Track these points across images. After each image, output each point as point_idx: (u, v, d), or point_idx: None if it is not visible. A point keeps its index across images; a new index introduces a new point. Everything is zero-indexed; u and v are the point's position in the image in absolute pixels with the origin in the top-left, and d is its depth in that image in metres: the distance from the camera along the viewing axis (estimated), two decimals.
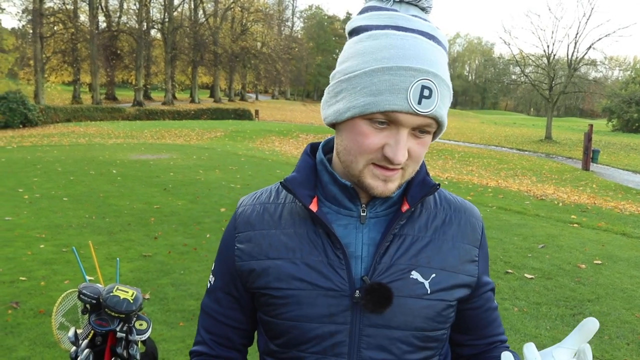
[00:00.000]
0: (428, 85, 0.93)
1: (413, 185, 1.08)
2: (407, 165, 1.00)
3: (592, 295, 5.36)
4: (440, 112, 0.96)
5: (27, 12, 51.30)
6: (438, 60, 0.96)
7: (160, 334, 4.12)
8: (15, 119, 30.77)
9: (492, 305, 1.20)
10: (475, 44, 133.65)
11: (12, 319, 4.32)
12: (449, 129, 52.92)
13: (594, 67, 55.96)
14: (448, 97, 0.99)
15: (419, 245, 1.07)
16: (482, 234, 1.15)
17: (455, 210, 1.14)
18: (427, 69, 0.94)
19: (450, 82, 1.00)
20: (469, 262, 1.10)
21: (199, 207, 8.97)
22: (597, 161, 29.87)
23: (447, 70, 0.99)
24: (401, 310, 1.03)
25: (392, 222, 1.05)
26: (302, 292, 1.04)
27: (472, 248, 1.11)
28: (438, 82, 0.95)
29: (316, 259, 1.04)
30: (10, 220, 7.64)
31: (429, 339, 1.07)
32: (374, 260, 1.03)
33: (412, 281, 1.04)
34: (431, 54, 0.96)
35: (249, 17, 72.78)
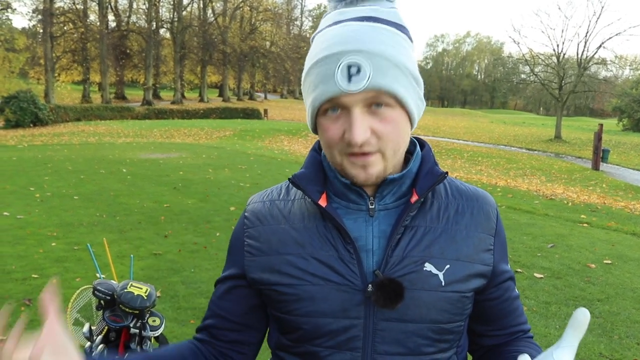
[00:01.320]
0: (353, 62, 0.93)
1: (421, 176, 1.07)
2: (382, 146, 0.98)
3: (602, 294, 5.35)
4: (379, 81, 0.94)
5: (38, 12, 51.65)
6: (369, 36, 0.96)
7: (171, 331, 4.16)
8: (25, 118, 30.98)
9: (512, 294, 1.16)
10: (484, 43, 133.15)
11: (24, 316, 4.36)
12: (457, 129, 52.81)
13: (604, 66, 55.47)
14: (390, 67, 0.95)
15: (431, 236, 1.04)
16: (497, 221, 1.12)
17: (468, 198, 1.11)
18: (350, 48, 0.94)
19: (402, 55, 0.98)
20: (484, 251, 1.07)
21: (209, 205, 9.02)
22: (607, 161, 29.70)
23: (386, 44, 0.96)
24: (415, 304, 1.01)
25: (403, 213, 1.04)
26: (314, 287, 1.03)
27: (487, 236, 1.08)
28: (366, 56, 0.94)
29: (327, 253, 1.03)
30: (22, 218, 7.71)
31: (444, 332, 1.05)
32: (386, 253, 1.02)
33: (425, 273, 1.01)
34: (358, 34, 0.96)
35: (258, 16, 72.88)
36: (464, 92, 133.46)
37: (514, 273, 5.37)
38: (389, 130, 0.97)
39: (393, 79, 0.96)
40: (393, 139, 0.98)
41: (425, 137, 41.23)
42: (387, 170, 1.02)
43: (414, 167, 1.08)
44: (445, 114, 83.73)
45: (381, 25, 0.98)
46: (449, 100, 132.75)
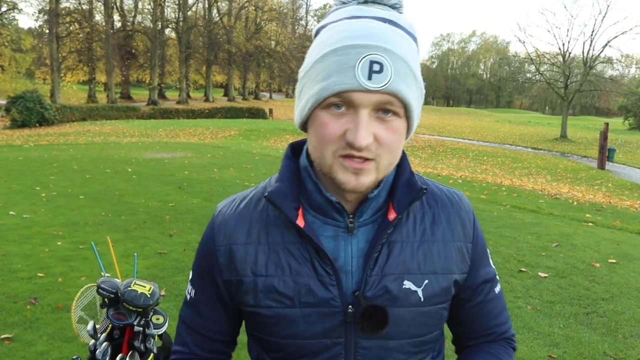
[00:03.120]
0: (377, 60, 0.88)
1: (398, 188, 1.02)
2: (379, 155, 0.93)
3: (607, 294, 5.34)
4: (397, 87, 0.89)
5: (44, 12, 51.88)
6: (392, 38, 0.91)
7: (175, 329, 4.17)
8: (32, 118, 31.09)
9: (488, 296, 1.14)
10: (490, 43, 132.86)
11: (30, 314, 4.39)
12: (463, 128, 52.72)
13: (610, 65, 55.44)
14: (409, 75, 0.92)
15: (409, 251, 1.02)
16: (474, 228, 1.10)
17: (443, 206, 1.08)
18: (376, 44, 0.89)
19: (417, 67, 0.95)
20: (461, 261, 1.07)
21: (214, 205, 9.00)
22: (613, 160, 29.62)
23: (406, 50, 0.92)
24: (395, 321, 1.00)
25: (380, 231, 1.01)
26: (294, 310, 1.01)
27: (464, 245, 1.07)
28: (390, 56, 0.89)
29: (305, 275, 1.00)
30: (28, 217, 7.75)
31: (423, 343, 1.06)
32: (365, 274, 0.99)
33: (405, 291, 1.00)
34: (383, 33, 0.91)
35: (263, 16, 72.94)
36: (469, 91, 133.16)
37: (519, 272, 5.38)
38: (392, 140, 0.93)
39: (408, 87, 0.92)
40: (393, 149, 0.95)
41: (431, 136, 41.22)
42: (378, 179, 0.97)
43: (390, 177, 1.04)
44: (450, 113, 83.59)
45: (400, 31, 0.94)
46: (455, 100, 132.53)
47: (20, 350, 3.81)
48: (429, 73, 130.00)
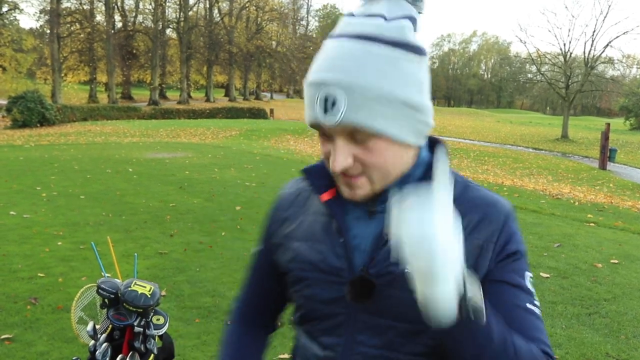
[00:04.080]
0: (331, 94, 0.91)
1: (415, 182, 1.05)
2: (368, 172, 0.98)
3: (609, 294, 5.33)
4: (352, 118, 0.91)
5: (45, 12, 51.92)
6: (356, 65, 0.92)
7: (177, 330, 4.16)
8: (32, 118, 31.10)
9: (516, 303, 1.02)
10: (491, 43, 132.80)
11: (31, 315, 4.38)
12: (464, 128, 52.72)
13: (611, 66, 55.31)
14: (370, 99, 0.91)
15: None
16: (503, 226, 1.04)
17: (473, 205, 1.05)
18: (329, 79, 0.92)
19: (395, 82, 0.93)
20: (482, 257, 1.02)
21: (215, 205, 9.02)
22: (615, 160, 29.60)
23: (374, 73, 0.92)
24: (393, 302, 1.02)
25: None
26: (310, 275, 1.10)
27: (489, 243, 1.02)
28: (345, 89, 0.91)
29: (326, 246, 1.08)
30: (28, 217, 7.74)
31: (422, 333, 1.03)
32: (374, 253, 1.03)
33: (407, 274, 0.90)
34: (347, 59, 0.93)
35: (264, 16, 72.93)
36: (470, 91, 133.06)
37: None
38: (374, 160, 0.96)
39: (369, 113, 0.92)
40: (379, 167, 0.97)
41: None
42: (375, 190, 1.02)
43: (416, 172, 1.05)
44: (451, 113, 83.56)
45: (376, 48, 0.93)
46: (455, 100, 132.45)
47: (20, 350, 3.79)
48: (429, 73, 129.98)
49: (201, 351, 3.88)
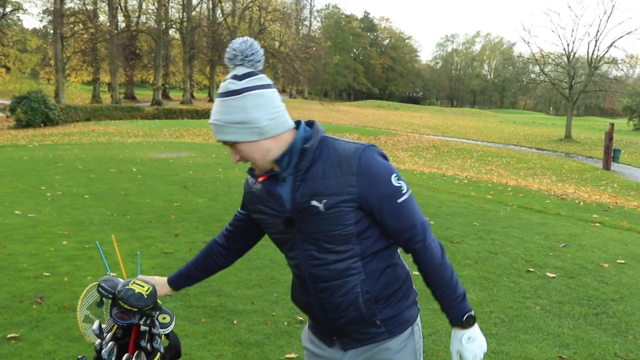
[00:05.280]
0: (211, 127, 1.73)
1: (300, 152, 1.72)
2: (250, 161, 1.75)
3: (616, 294, 5.30)
4: (220, 138, 1.71)
5: (48, 13, 51.93)
6: (214, 113, 1.72)
7: (182, 329, 4.15)
8: (36, 118, 31.18)
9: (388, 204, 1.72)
10: (494, 43, 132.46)
11: (36, 314, 4.37)
12: (467, 128, 52.77)
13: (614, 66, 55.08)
14: (223, 126, 1.69)
15: (314, 184, 1.69)
16: (358, 165, 1.67)
17: (337, 156, 1.70)
18: (211, 121, 1.73)
19: (236, 113, 1.68)
20: (348, 186, 1.67)
21: (219, 204, 9.02)
22: (619, 160, 29.55)
23: (224, 113, 1.69)
24: (310, 222, 1.73)
25: (296, 174, 1.72)
26: (267, 217, 1.86)
27: (349, 177, 1.68)
28: (213, 124, 1.71)
29: (269, 203, 1.81)
30: (33, 217, 7.74)
31: (335, 236, 1.72)
32: (293, 199, 1.73)
33: (313, 206, 1.70)
34: (215, 110, 1.72)
35: (267, 16, 72.89)
36: (473, 92, 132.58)
37: (526, 272, 5.35)
38: (244, 154, 1.73)
39: (222, 133, 1.70)
40: (250, 157, 1.74)
41: (435, 136, 41.19)
42: (264, 166, 1.75)
43: (296, 147, 1.73)
44: (454, 113, 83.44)
45: (225, 99, 1.69)
46: (458, 100, 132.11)
47: (26, 349, 3.79)
48: (432, 74, 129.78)
49: (207, 350, 3.87)
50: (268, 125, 1.68)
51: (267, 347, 3.96)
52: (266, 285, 5.27)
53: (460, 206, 9.64)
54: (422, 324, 2.03)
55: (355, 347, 1.88)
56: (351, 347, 1.88)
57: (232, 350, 3.89)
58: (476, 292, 5.23)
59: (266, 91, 1.71)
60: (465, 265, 6.09)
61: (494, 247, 6.94)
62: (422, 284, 1.86)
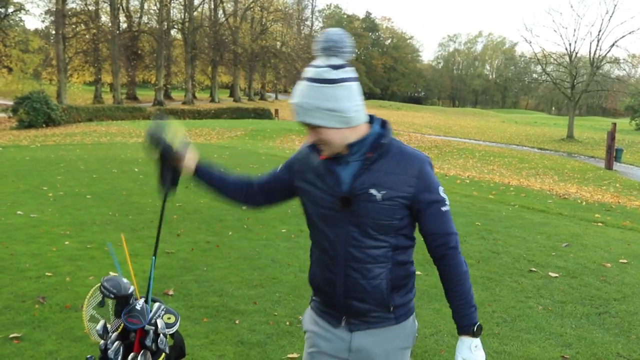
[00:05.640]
0: (295, 108, 1.87)
1: (371, 145, 1.91)
2: (323, 144, 1.88)
3: (618, 294, 5.29)
4: (304, 120, 1.85)
5: (50, 13, 51.98)
6: (305, 93, 1.83)
7: (185, 329, 4.15)
8: (38, 118, 31.18)
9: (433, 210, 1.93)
10: (496, 43, 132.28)
11: (39, 314, 4.37)
12: (469, 128, 52.74)
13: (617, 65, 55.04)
14: (312, 109, 1.82)
15: (375, 175, 1.88)
16: (419, 170, 1.90)
17: (403, 157, 1.91)
18: (293, 100, 1.87)
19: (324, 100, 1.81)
20: (406, 185, 1.88)
21: (221, 205, 8.99)
22: (621, 160, 29.52)
23: (312, 97, 1.82)
24: (363, 207, 1.89)
25: (363, 163, 1.90)
26: (317, 193, 1.99)
27: (410, 178, 1.89)
28: (297, 107, 1.85)
29: (327, 181, 1.95)
30: (35, 217, 7.74)
31: (381, 226, 1.90)
32: (353, 183, 1.90)
33: (370, 193, 1.87)
34: (302, 92, 1.84)
35: (269, 16, 72.91)
36: (475, 91, 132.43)
37: (529, 272, 5.34)
38: (321, 138, 1.87)
39: (311, 117, 1.84)
40: (326, 141, 1.87)
41: (437, 136, 41.16)
42: (335, 151, 1.89)
43: (369, 139, 1.91)
44: (456, 113, 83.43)
45: (315, 84, 1.82)
46: (460, 100, 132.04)
47: (29, 349, 3.79)
48: (434, 74, 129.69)
49: (209, 350, 3.87)
50: (353, 116, 1.84)
51: (269, 347, 3.96)
52: (268, 285, 5.27)
53: (463, 206, 9.63)
54: (424, 324, 2.37)
55: (362, 329, 2.02)
56: (358, 329, 2.02)
57: (234, 350, 3.89)
58: (478, 292, 5.23)
59: (354, 84, 1.85)
60: (467, 265, 6.07)
61: (496, 246, 6.93)
62: (424, 285, 1.86)
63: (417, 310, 4.55)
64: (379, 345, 2.03)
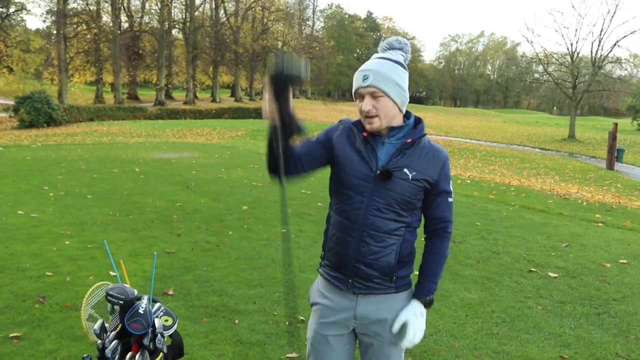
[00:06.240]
0: (365, 74, 2.10)
1: (410, 132, 2.21)
2: (379, 114, 2.11)
3: (618, 294, 5.30)
4: (375, 84, 2.07)
5: (51, 13, 51.98)
6: (376, 64, 2.11)
7: (184, 329, 4.16)
8: (39, 118, 31.22)
9: (443, 199, 2.23)
10: (498, 43, 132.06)
11: (39, 313, 4.39)
12: (470, 128, 52.70)
13: (618, 65, 54.96)
14: (384, 78, 2.08)
15: (410, 159, 2.15)
16: (443, 163, 2.21)
17: (433, 149, 2.21)
18: (366, 68, 2.12)
19: (394, 74, 2.10)
20: (432, 172, 2.17)
21: (222, 204, 9.02)
22: (622, 160, 29.48)
23: (384, 69, 2.09)
24: (395, 183, 2.13)
25: (401, 146, 2.17)
26: (353, 164, 2.20)
27: (436, 167, 2.18)
28: (372, 72, 2.09)
29: (365, 153, 2.19)
30: (36, 217, 7.76)
31: (405, 202, 2.16)
32: (389, 161, 2.15)
33: (403, 172, 2.14)
34: (372, 63, 2.13)
35: (270, 16, 72.91)
36: (476, 91, 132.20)
37: (528, 272, 5.34)
38: (381, 106, 2.11)
39: (383, 83, 2.08)
40: (384, 112, 2.11)
41: (438, 136, 41.14)
42: (382, 125, 2.13)
43: (406, 128, 2.20)
44: (457, 113, 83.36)
45: (386, 61, 2.13)
46: (462, 100, 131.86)
47: (29, 348, 3.80)
48: (436, 73, 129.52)
49: (209, 350, 3.88)
50: (407, 101, 2.18)
51: (269, 347, 3.96)
52: (268, 285, 5.28)
53: (463, 206, 9.64)
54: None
55: (366, 293, 2.23)
56: (361, 293, 2.23)
57: (233, 350, 3.90)
58: (478, 292, 5.23)
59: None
60: (467, 265, 6.09)
61: (496, 247, 6.94)
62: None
63: None
64: (382, 312, 2.24)
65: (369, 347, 2.31)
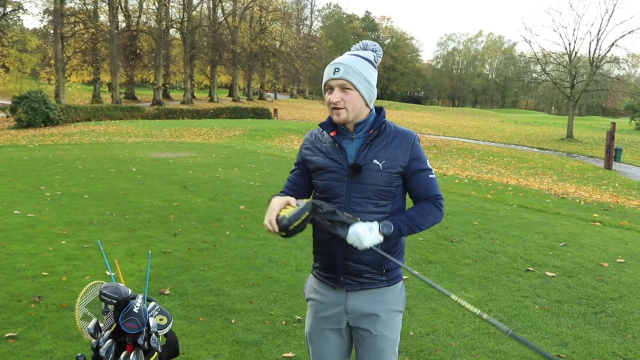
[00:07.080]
0: (337, 67, 2.21)
1: (374, 122, 2.29)
2: (347, 106, 2.21)
3: (615, 293, 5.29)
4: (346, 77, 2.18)
5: (48, 13, 51.85)
6: (348, 59, 2.23)
7: (180, 328, 4.14)
8: (37, 118, 31.14)
9: (423, 176, 2.28)
10: (496, 43, 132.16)
11: (35, 313, 4.37)
12: (468, 128, 52.73)
13: (616, 65, 54.95)
14: (354, 72, 2.19)
15: (377, 149, 2.24)
16: (412, 144, 2.27)
17: (398, 134, 2.28)
18: (338, 61, 2.23)
19: (364, 70, 2.23)
20: (402, 156, 2.25)
21: (219, 204, 9.01)
22: (620, 160, 29.50)
23: (354, 64, 2.22)
24: (367, 176, 2.22)
25: (366, 139, 2.26)
26: (327, 166, 2.30)
27: (404, 150, 2.25)
28: (343, 65, 2.20)
29: (334, 155, 2.28)
30: (32, 217, 7.74)
31: (382, 191, 2.24)
32: (357, 156, 2.24)
33: (373, 164, 2.22)
34: (345, 58, 2.24)
35: (268, 16, 72.83)
36: (474, 91, 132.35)
37: (526, 271, 5.33)
38: (349, 99, 2.20)
39: (352, 77, 2.19)
40: (350, 103, 2.21)
41: (436, 136, 41.18)
42: (349, 118, 2.23)
43: (370, 119, 2.29)
44: (455, 113, 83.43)
45: (357, 57, 2.25)
46: (460, 100, 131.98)
47: (24, 348, 3.78)
48: (434, 73, 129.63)
49: (205, 349, 3.86)
50: (374, 97, 2.29)
51: (265, 346, 3.95)
52: (264, 284, 5.26)
53: (460, 205, 9.63)
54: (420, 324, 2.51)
55: (357, 289, 2.30)
56: (353, 289, 2.30)
57: (229, 349, 3.88)
58: (475, 291, 5.22)
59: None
60: (464, 265, 6.08)
61: (494, 246, 6.93)
62: (420, 284, 1.85)
63: (413, 310, 4.56)
64: (372, 305, 2.31)
65: (362, 341, 2.35)
